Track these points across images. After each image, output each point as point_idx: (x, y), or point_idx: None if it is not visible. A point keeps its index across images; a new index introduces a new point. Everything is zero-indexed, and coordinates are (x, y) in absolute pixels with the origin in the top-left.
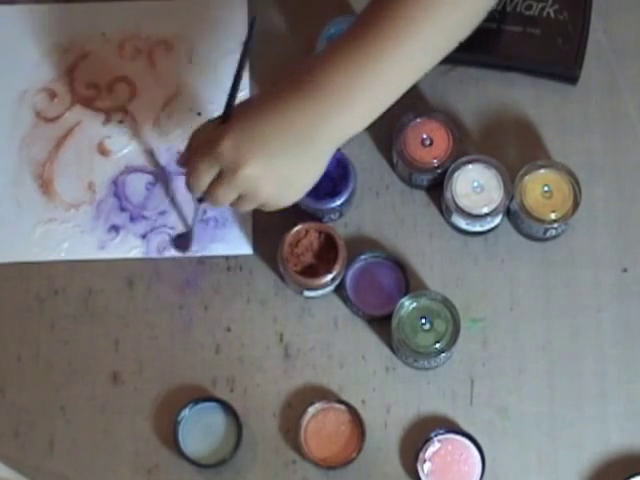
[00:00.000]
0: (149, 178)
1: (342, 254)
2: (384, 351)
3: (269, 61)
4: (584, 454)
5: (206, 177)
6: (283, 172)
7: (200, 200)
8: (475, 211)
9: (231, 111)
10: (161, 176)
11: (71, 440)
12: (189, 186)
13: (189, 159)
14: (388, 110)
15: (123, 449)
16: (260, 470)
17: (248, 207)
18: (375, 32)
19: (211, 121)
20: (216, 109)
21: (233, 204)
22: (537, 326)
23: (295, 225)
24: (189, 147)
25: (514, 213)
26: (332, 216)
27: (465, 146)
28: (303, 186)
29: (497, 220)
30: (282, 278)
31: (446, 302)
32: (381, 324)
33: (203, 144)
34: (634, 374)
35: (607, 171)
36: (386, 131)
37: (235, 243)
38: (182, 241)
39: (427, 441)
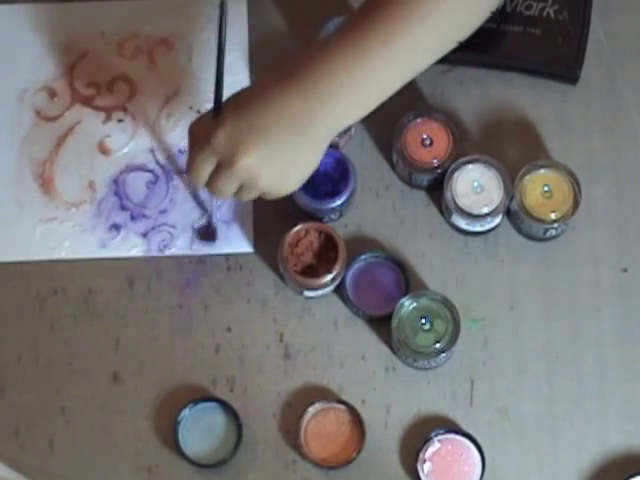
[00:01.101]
0: (149, 177)
1: (342, 254)
2: (384, 351)
3: (269, 61)
4: (584, 454)
5: (205, 169)
6: (281, 161)
7: None
8: (475, 211)
9: (221, 102)
10: (161, 175)
11: (71, 440)
12: (191, 179)
13: (188, 152)
14: (388, 110)
15: (123, 449)
16: (260, 470)
17: (249, 196)
18: (372, 25)
19: (207, 113)
20: None
21: (235, 194)
22: (537, 326)
23: (295, 225)
24: (189, 141)
25: (514, 213)
26: (332, 216)
27: (465, 146)
28: (303, 173)
29: (497, 220)
30: (282, 278)
31: (446, 302)
32: (381, 324)
33: (200, 137)
34: (634, 374)
35: (607, 171)
36: (386, 131)
37: (236, 242)
38: (206, 232)
39: (427, 441)
